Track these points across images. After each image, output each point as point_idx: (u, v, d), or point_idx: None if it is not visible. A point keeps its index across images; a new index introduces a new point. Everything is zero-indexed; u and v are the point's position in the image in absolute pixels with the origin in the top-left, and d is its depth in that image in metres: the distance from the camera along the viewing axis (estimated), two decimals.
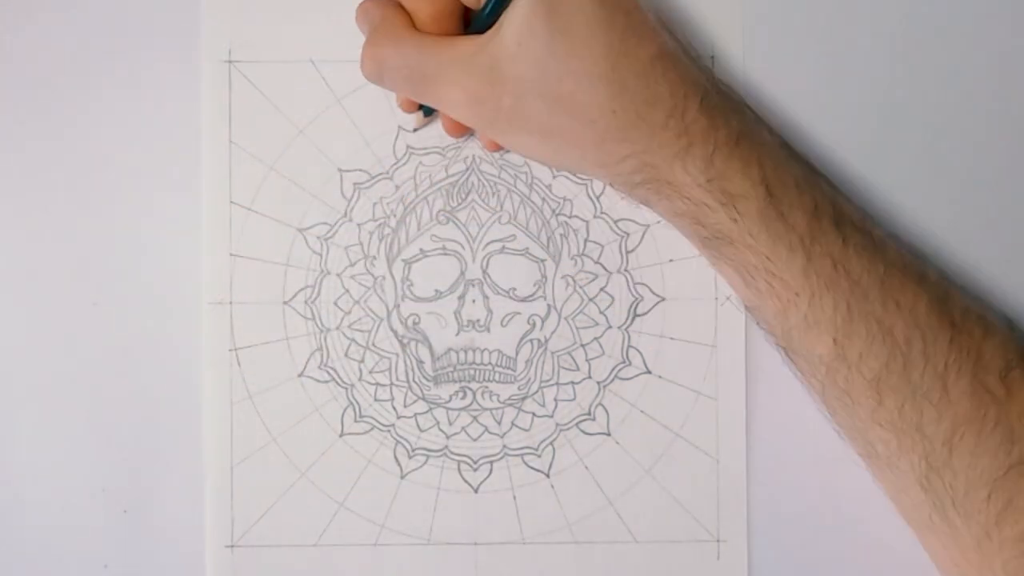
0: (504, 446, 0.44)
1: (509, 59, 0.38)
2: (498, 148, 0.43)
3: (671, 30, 0.41)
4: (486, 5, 0.39)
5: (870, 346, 0.38)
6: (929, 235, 0.44)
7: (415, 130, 0.44)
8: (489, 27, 0.39)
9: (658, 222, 0.43)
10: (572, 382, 0.44)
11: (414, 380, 0.44)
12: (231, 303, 0.44)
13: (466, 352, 0.44)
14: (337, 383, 0.44)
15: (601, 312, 0.44)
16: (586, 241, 0.44)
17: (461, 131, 0.43)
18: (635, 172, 0.39)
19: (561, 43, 0.37)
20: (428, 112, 0.43)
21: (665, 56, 0.39)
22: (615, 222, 0.44)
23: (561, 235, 0.44)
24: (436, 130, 0.44)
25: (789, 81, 0.44)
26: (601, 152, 0.39)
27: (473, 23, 0.40)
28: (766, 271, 0.38)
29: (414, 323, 0.44)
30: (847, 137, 0.44)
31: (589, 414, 0.44)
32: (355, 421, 0.44)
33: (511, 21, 0.38)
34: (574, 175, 0.44)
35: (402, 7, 0.40)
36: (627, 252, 0.44)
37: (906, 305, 0.38)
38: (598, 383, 0.44)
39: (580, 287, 0.44)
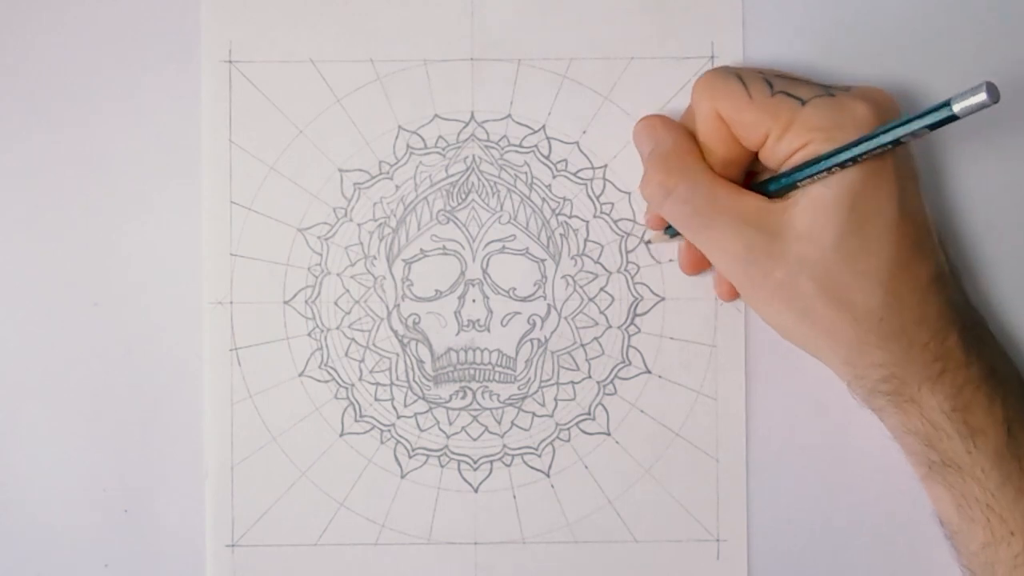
0: (504, 446, 0.44)
1: (795, 237, 0.38)
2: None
3: (945, 249, 0.40)
4: (784, 175, 0.38)
5: None
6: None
7: (649, 243, 0.44)
8: (777, 192, 0.39)
9: None
10: (572, 382, 0.44)
11: (414, 380, 0.44)
12: (231, 303, 0.44)
13: (466, 352, 0.44)
14: (337, 383, 0.44)
15: (601, 312, 0.44)
16: (586, 241, 0.44)
17: (698, 269, 0.43)
18: (883, 381, 0.39)
19: (853, 239, 0.37)
20: (673, 234, 0.42)
21: (942, 278, 0.39)
22: (615, 222, 0.44)
23: (561, 235, 0.44)
24: (437, 129, 0.44)
25: None
26: (854, 351, 0.38)
27: (766, 183, 0.39)
28: (987, 505, 0.38)
29: (414, 323, 0.44)
30: None
31: (589, 414, 0.44)
32: (355, 421, 0.44)
33: (811, 203, 0.37)
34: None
35: (692, 136, 0.40)
36: (627, 252, 0.44)
37: None
38: (598, 383, 0.44)
39: (580, 287, 0.44)
